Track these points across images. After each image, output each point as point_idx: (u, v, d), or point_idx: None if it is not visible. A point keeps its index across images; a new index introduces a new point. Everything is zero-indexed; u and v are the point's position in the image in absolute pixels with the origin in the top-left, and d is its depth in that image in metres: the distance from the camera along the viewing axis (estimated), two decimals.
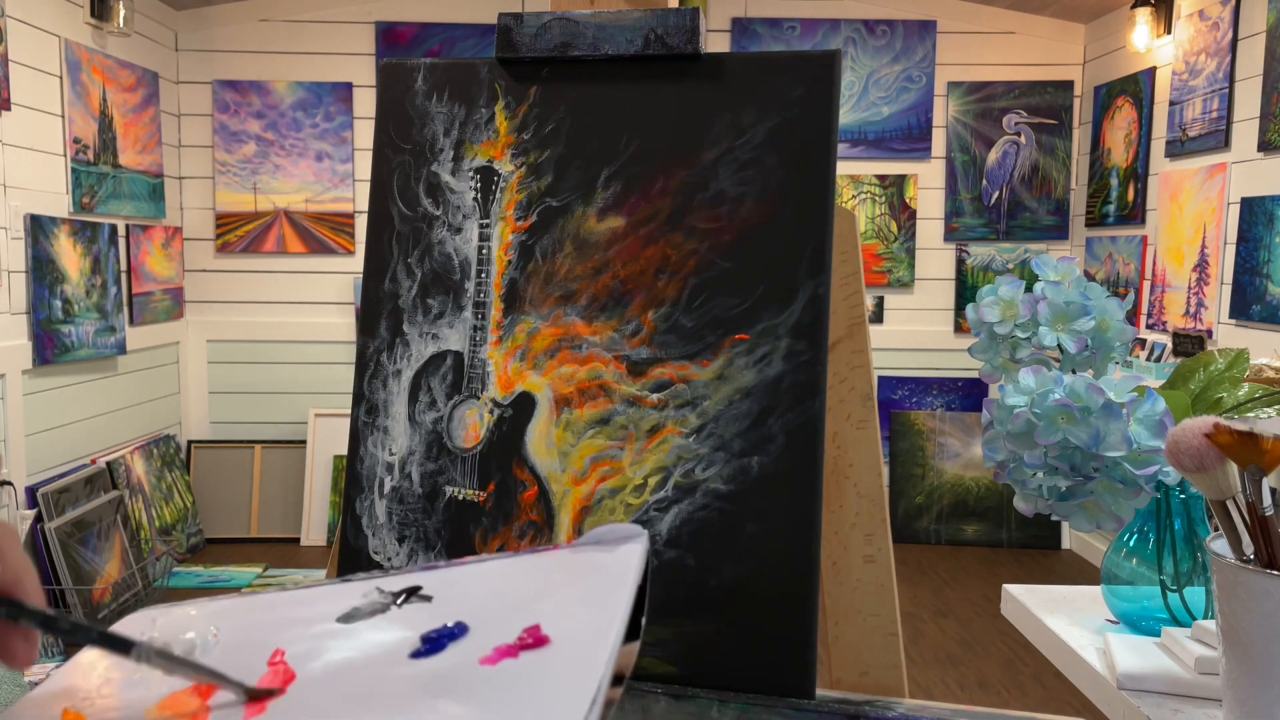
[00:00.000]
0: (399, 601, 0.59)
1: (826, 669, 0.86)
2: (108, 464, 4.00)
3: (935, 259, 4.94)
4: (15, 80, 3.49)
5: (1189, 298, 3.81)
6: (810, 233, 0.81)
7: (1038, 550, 4.69)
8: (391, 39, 4.76)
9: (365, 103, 4.78)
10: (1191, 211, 3.81)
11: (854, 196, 4.86)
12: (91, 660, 0.60)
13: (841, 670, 0.87)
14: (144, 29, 4.41)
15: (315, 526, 4.69)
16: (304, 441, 4.78)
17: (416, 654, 0.54)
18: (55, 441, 3.75)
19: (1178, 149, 3.93)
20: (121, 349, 4.16)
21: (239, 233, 4.79)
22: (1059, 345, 1.08)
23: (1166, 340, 3.95)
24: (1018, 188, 4.87)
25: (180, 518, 4.49)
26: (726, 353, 0.82)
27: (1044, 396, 0.99)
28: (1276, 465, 0.79)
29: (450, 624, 0.55)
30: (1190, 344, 3.76)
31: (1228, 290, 3.55)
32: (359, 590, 0.62)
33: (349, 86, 4.77)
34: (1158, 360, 3.91)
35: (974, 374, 4.77)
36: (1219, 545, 0.85)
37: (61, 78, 3.78)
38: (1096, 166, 4.65)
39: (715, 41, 4.78)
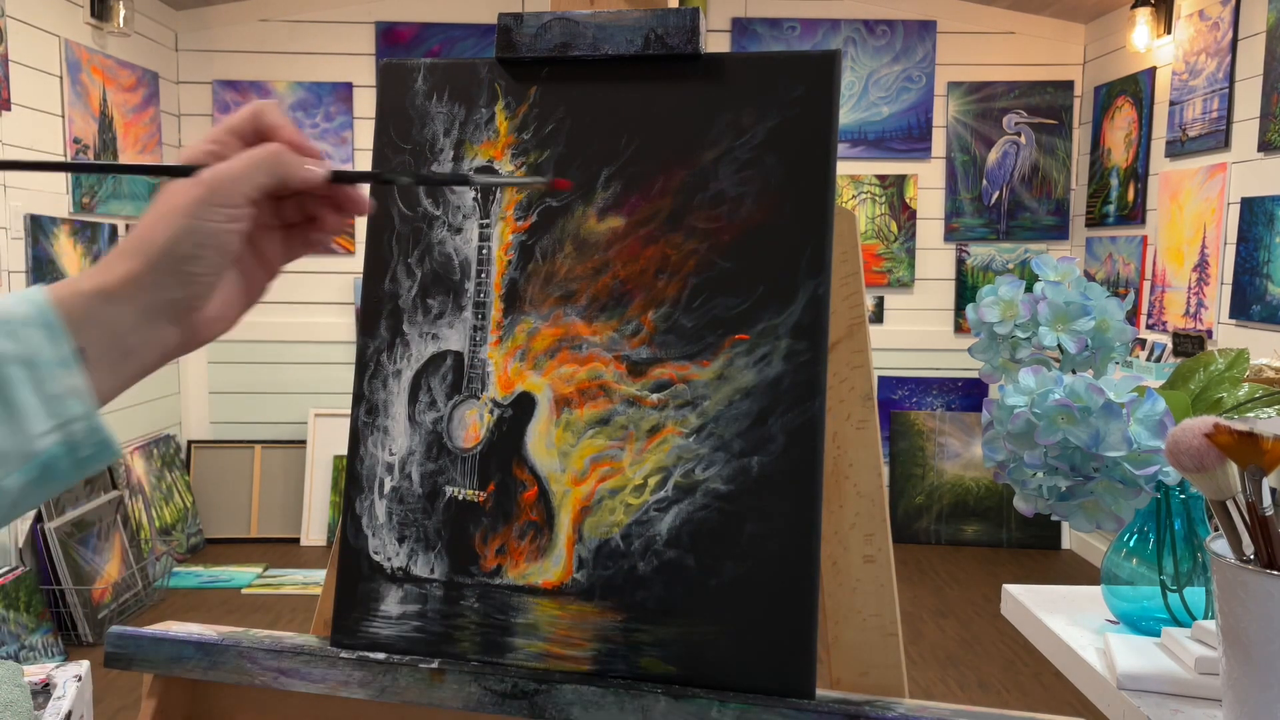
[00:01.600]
0: None
1: (826, 669, 0.86)
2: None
3: (935, 259, 4.94)
4: (15, 80, 3.49)
5: (1189, 298, 3.81)
6: (810, 233, 0.81)
7: (1038, 550, 4.69)
8: (391, 39, 4.76)
9: (365, 103, 4.78)
10: (1191, 211, 3.81)
11: (854, 196, 4.86)
12: None
13: (841, 670, 0.87)
14: (144, 29, 4.41)
15: (315, 526, 4.69)
16: (304, 441, 4.77)
17: None
18: None
19: (1178, 149, 3.93)
20: None
21: None
22: (1059, 345, 1.08)
23: (1166, 340, 3.95)
24: (1018, 188, 4.87)
25: (180, 518, 4.49)
26: (726, 353, 0.82)
27: (1044, 396, 0.99)
28: (1276, 465, 0.79)
29: None
30: (1190, 344, 3.76)
31: (1228, 290, 3.55)
32: None
33: (349, 86, 4.77)
34: (1158, 360, 3.91)
35: (974, 374, 4.77)
36: (1219, 545, 0.85)
37: (61, 78, 3.78)
38: (1096, 166, 4.65)
39: (715, 41, 4.77)
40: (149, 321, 0.57)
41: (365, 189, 0.67)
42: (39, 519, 3.45)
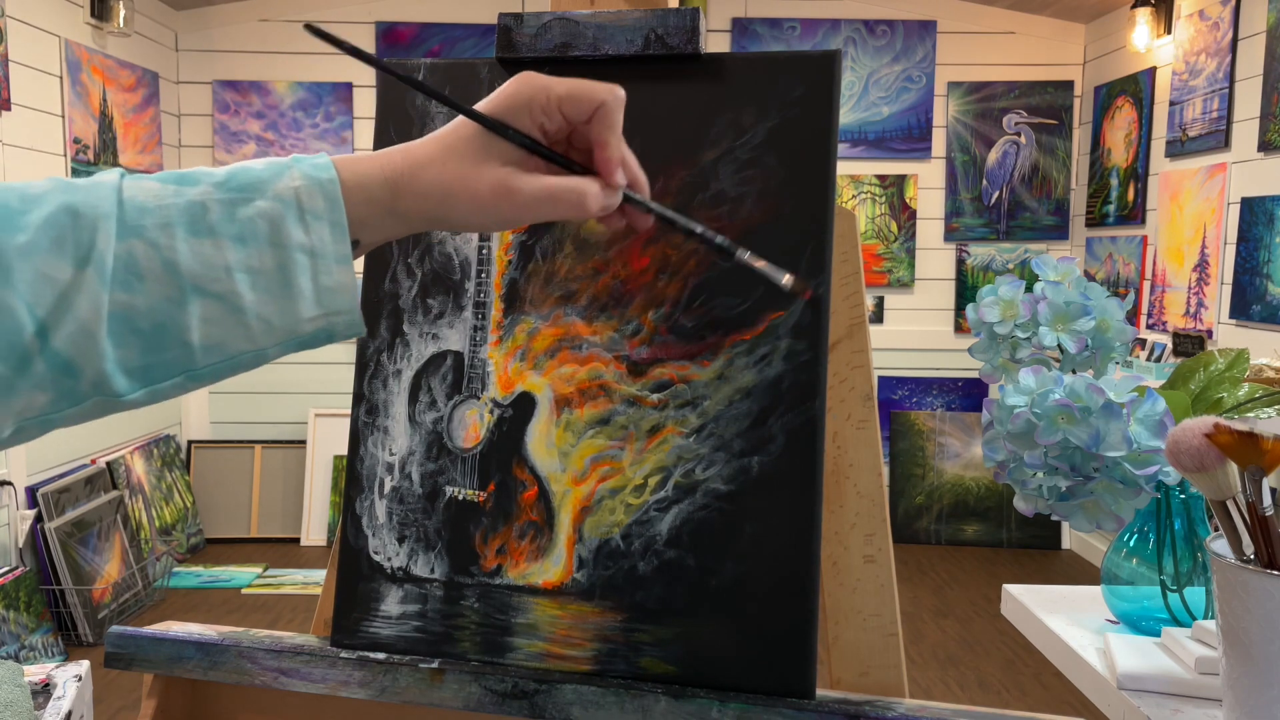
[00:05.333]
0: None
1: (826, 669, 0.86)
2: (108, 464, 4.00)
3: (935, 259, 4.94)
4: (15, 80, 3.49)
5: (1189, 298, 3.81)
6: (810, 233, 0.81)
7: (1038, 550, 4.69)
8: (391, 39, 4.76)
9: (365, 103, 4.78)
10: (1191, 211, 3.81)
11: (854, 196, 4.86)
12: None
13: (841, 670, 0.87)
14: (144, 29, 4.41)
15: (315, 526, 4.69)
16: (304, 441, 4.77)
17: None
18: (55, 441, 3.75)
19: (1178, 149, 3.93)
20: None
21: None
22: (1059, 345, 1.08)
23: (1166, 340, 3.95)
24: (1018, 188, 4.87)
25: (180, 518, 4.49)
26: (726, 353, 0.82)
27: (1044, 396, 0.99)
28: (1276, 465, 0.79)
29: None
30: (1190, 344, 3.76)
31: (1228, 290, 3.55)
32: None
33: (349, 86, 4.77)
34: (1158, 360, 3.91)
35: (974, 374, 4.76)
36: (1219, 545, 0.85)
37: (61, 78, 3.78)
38: (1096, 166, 4.65)
39: (715, 41, 4.77)
40: (413, 230, 0.63)
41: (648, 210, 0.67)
42: (39, 519, 3.45)
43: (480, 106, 0.62)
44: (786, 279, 0.65)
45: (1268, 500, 0.80)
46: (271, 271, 0.57)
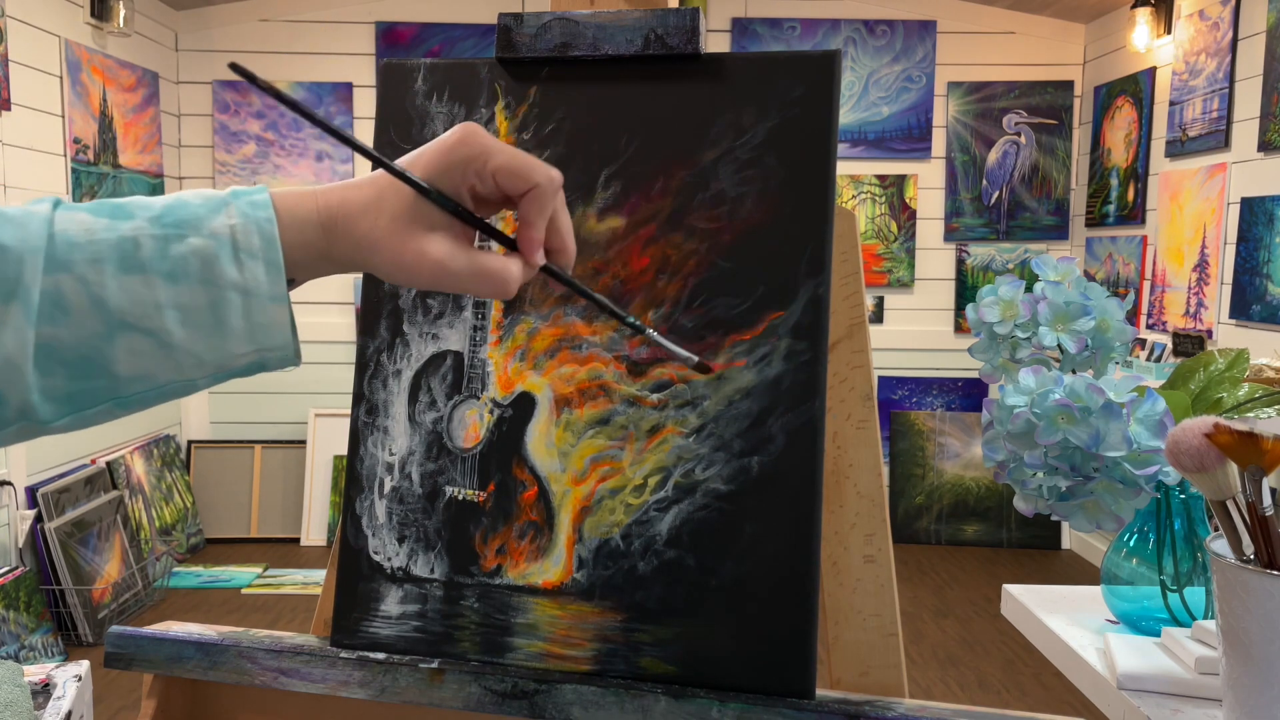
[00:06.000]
0: None
1: (826, 669, 0.86)
2: (108, 464, 4.00)
3: (935, 259, 4.94)
4: (15, 80, 3.49)
5: (1189, 298, 3.81)
6: (810, 233, 0.81)
7: (1038, 550, 4.69)
8: (391, 39, 4.76)
9: (365, 103, 4.78)
10: (1191, 211, 3.81)
11: (854, 196, 4.86)
12: None
13: (841, 670, 0.87)
14: (144, 29, 4.41)
15: (315, 526, 4.69)
16: (304, 441, 4.77)
17: None
18: (55, 441, 3.75)
19: (1178, 149, 3.93)
20: None
21: None
22: (1059, 345, 1.08)
23: (1166, 340, 3.95)
24: (1018, 188, 4.87)
25: (180, 518, 4.49)
26: (726, 353, 0.82)
27: (1044, 396, 0.99)
28: (1276, 465, 0.79)
29: None
30: (1190, 344, 3.76)
31: (1228, 290, 3.55)
32: None
33: (349, 86, 4.77)
34: (1158, 360, 3.91)
35: (974, 374, 4.76)
36: (1219, 545, 0.85)
37: (61, 78, 3.78)
38: (1096, 166, 4.65)
39: (715, 41, 4.77)
40: (343, 272, 0.63)
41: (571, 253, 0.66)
42: (39, 519, 3.45)
43: (418, 155, 0.61)
44: (692, 358, 0.66)
45: (1268, 500, 0.80)
46: (203, 309, 0.57)
